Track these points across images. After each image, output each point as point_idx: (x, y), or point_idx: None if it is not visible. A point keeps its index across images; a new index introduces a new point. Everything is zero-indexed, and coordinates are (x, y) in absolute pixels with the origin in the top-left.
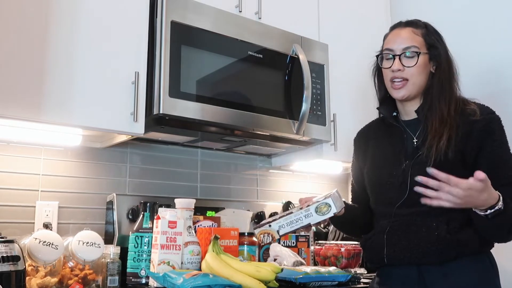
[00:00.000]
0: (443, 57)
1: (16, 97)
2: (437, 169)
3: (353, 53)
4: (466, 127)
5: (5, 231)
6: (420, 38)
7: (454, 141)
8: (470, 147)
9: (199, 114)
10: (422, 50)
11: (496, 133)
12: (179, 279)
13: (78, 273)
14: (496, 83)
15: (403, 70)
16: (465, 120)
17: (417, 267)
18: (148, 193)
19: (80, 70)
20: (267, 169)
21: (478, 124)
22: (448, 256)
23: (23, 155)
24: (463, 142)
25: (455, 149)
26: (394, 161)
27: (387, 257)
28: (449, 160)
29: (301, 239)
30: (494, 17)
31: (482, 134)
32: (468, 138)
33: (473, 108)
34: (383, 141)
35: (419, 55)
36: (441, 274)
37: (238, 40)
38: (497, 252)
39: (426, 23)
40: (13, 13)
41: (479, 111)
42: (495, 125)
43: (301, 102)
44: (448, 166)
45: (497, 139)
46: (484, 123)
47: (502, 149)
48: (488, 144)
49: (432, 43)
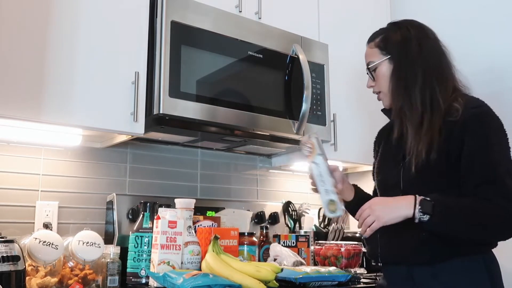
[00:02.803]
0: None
1: (16, 97)
2: (420, 172)
3: (353, 53)
4: (447, 129)
5: (5, 231)
6: (375, 50)
7: (438, 143)
8: (452, 149)
9: (199, 114)
10: (377, 59)
11: (472, 131)
12: (179, 279)
13: (78, 273)
14: (497, 82)
15: (375, 84)
16: (446, 122)
17: (407, 267)
18: (148, 193)
19: (80, 70)
20: (267, 169)
21: (457, 124)
22: (437, 256)
23: (23, 155)
24: (446, 142)
25: (438, 150)
26: (393, 162)
27: (381, 256)
28: (432, 163)
29: (301, 239)
30: (494, 16)
31: (460, 134)
32: (450, 138)
33: (456, 107)
34: (390, 141)
35: (376, 68)
36: (430, 274)
37: (238, 40)
38: (497, 252)
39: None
40: (14, 14)
41: (463, 107)
42: (473, 121)
43: (301, 102)
44: (432, 170)
45: (473, 136)
46: (462, 122)
47: (477, 147)
48: (465, 143)
49: (384, 46)
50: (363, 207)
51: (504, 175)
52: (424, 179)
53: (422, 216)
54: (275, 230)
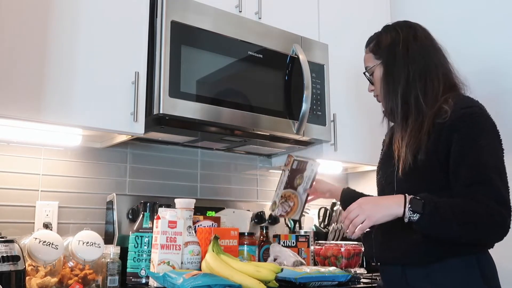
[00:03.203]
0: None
1: (16, 97)
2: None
3: (353, 53)
4: (435, 131)
5: (5, 231)
6: (369, 55)
7: (426, 145)
8: (441, 149)
9: (199, 114)
10: (372, 64)
11: (461, 131)
12: (179, 279)
13: (78, 273)
14: (497, 82)
15: (374, 88)
16: (435, 124)
17: (401, 267)
18: (148, 193)
19: (80, 70)
20: (267, 169)
21: (446, 124)
22: (430, 257)
23: (23, 155)
24: (435, 143)
25: (426, 152)
26: (390, 161)
27: (375, 256)
28: (419, 165)
29: (301, 239)
30: (494, 16)
31: (449, 134)
32: (439, 139)
33: (445, 109)
34: (389, 142)
35: (372, 73)
36: (423, 274)
37: (238, 40)
38: (497, 252)
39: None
40: (14, 14)
41: (453, 107)
42: (462, 122)
43: (301, 102)
44: (421, 171)
45: (461, 137)
46: (450, 122)
47: (466, 147)
48: (453, 144)
49: (376, 51)
50: (350, 208)
51: (493, 176)
52: (414, 181)
53: (412, 215)
54: (275, 230)
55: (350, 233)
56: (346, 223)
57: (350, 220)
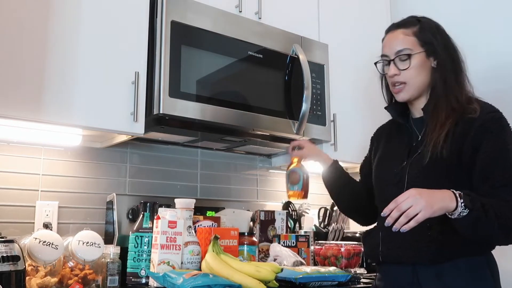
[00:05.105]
0: (442, 51)
1: (16, 97)
2: (432, 166)
3: (353, 53)
4: (464, 126)
5: (5, 231)
6: (412, 38)
7: (451, 140)
8: (466, 147)
9: (199, 114)
10: (415, 49)
11: (493, 133)
12: (179, 279)
13: (78, 273)
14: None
15: (400, 74)
16: (464, 119)
17: (412, 266)
18: (148, 193)
19: (80, 70)
20: (267, 169)
21: (476, 123)
22: (441, 256)
23: (23, 155)
24: (460, 141)
25: (450, 148)
26: (397, 159)
27: (382, 255)
28: (444, 158)
29: (301, 239)
30: (495, 16)
31: (479, 134)
32: (465, 138)
33: (474, 107)
34: (393, 140)
35: (411, 57)
36: (434, 274)
37: (238, 40)
38: (496, 252)
39: (421, 18)
40: (14, 14)
41: (480, 109)
42: (493, 124)
43: (301, 102)
44: (443, 164)
45: (493, 138)
46: (481, 122)
47: (498, 149)
48: (483, 144)
49: (426, 39)
50: (400, 198)
51: None
52: (432, 175)
53: (464, 210)
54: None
55: (400, 225)
56: (394, 214)
57: (400, 211)
